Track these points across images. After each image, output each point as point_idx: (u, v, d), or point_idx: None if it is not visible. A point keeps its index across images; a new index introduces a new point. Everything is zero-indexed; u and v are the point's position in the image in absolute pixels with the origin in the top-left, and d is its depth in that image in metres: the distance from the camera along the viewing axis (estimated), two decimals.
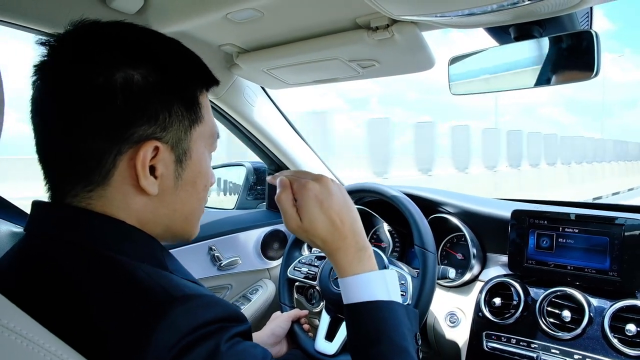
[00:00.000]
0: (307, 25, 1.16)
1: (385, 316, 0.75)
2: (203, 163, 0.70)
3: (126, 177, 0.62)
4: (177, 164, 0.66)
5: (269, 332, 1.21)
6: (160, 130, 0.63)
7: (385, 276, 0.80)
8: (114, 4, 1.05)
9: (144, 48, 0.64)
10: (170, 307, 0.54)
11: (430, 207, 1.49)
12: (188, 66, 0.69)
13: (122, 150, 0.61)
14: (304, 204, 0.78)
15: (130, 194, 0.63)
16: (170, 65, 0.65)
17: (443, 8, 0.87)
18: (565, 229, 1.22)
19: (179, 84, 0.66)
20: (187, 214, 0.70)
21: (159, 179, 0.64)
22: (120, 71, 0.60)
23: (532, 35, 0.98)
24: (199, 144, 0.69)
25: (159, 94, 0.63)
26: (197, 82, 0.69)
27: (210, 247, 1.59)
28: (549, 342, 1.13)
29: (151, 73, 0.62)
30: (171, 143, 0.65)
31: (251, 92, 1.59)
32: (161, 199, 0.66)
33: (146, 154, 0.61)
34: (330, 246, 0.79)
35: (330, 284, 1.26)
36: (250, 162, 2.05)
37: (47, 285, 0.58)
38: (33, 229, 0.65)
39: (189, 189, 0.69)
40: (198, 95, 0.68)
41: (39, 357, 0.48)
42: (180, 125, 0.65)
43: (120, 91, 0.60)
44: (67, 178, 0.63)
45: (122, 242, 0.62)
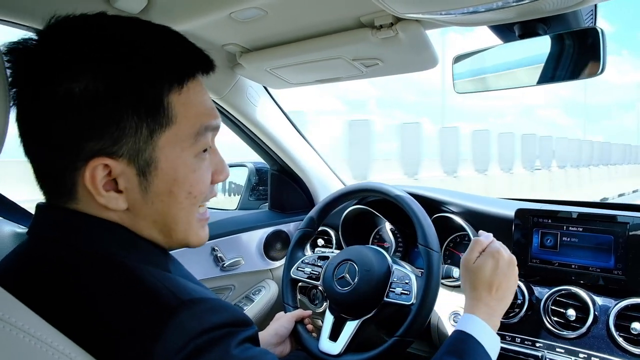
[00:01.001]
0: (311, 24, 1.16)
1: (478, 353, 0.91)
2: (180, 169, 0.63)
3: (89, 193, 0.60)
4: (140, 177, 0.61)
5: (273, 332, 1.21)
6: (111, 144, 0.58)
7: (494, 341, 0.95)
8: (118, 4, 1.05)
9: (92, 52, 0.58)
10: (178, 310, 0.54)
11: (434, 206, 1.49)
12: (148, 64, 0.60)
13: (76, 166, 0.59)
14: (485, 255, 1.03)
15: (101, 209, 0.61)
16: (120, 69, 0.58)
17: (448, 6, 0.87)
18: (570, 227, 1.21)
19: (130, 90, 0.59)
20: (171, 224, 0.65)
21: (124, 193, 0.61)
22: (62, 84, 0.56)
23: (536, 33, 0.98)
24: (170, 149, 0.62)
25: (104, 106, 0.57)
26: (164, 81, 0.61)
27: (213, 248, 1.59)
28: (554, 341, 1.13)
29: (94, 83, 0.57)
30: (127, 156, 0.59)
31: (254, 92, 1.59)
32: (135, 212, 0.63)
33: (94, 172, 0.58)
34: (474, 293, 1.01)
35: (334, 284, 1.25)
36: (253, 163, 2.05)
37: (51, 286, 0.57)
38: (37, 231, 0.64)
39: (165, 199, 0.63)
40: (165, 96, 0.61)
41: (48, 356, 0.48)
42: (137, 135, 0.59)
43: (61, 106, 0.57)
44: (44, 189, 0.63)
45: (126, 246, 0.62)
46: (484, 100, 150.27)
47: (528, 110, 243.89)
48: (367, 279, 1.20)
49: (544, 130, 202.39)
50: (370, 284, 1.19)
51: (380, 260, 1.24)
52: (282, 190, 1.88)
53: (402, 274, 1.20)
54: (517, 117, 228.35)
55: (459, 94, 1.16)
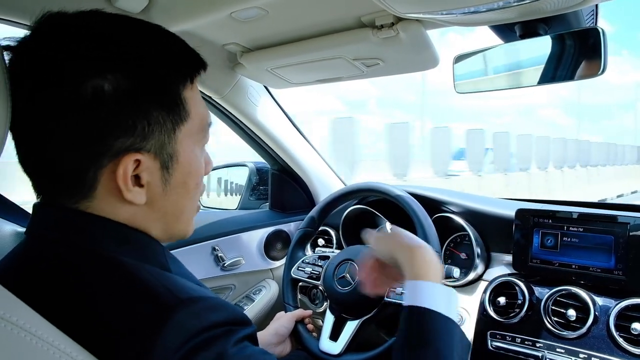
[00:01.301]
0: (312, 23, 1.16)
1: (441, 328, 0.78)
2: (193, 162, 0.67)
3: (110, 189, 0.60)
4: (163, 170, 0.63)
5: (273, 331, 1.21)
6: (141, 140, 0.59)
7: (451, 295, 0.83)
8: (118, 3, 1.05)
9: (114, 49, 0.58)
10: (176, 309, 0.54)
11: (434, 206, 1.49)
12: (166, 61, 0.62)
13: (102, 164, 0.58)
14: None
15: (117, 204, 0.61)
16: (145, 65, 0.59)
17: (449, 5, 0.87)
18: (570, 227, 1.21)
19: (156, 85, 0.60)
20: (179, 215, 0.68)
21: (145, 187, 0.62)
22: (89, 81, 0.55)
23: (537, 33, 0.98)
24: (186, 143, 0.65)
25: (134, 102, 0.58)
26: (179, 77, 0.63)
27: (214, 248, 1.59)
28: (554, 341, 1.13)
29: (123, 79, 0.57)
30: (154, 151, 0.61)
31: (255, 91, 1.59)
32: (150, 205, 0.64)
33: (126, 168, 0.58)
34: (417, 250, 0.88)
35: (334, 284, 1.25)
36: (253, 162, 2.05)
37: (51, 286, 0.57)
38: (35, 231, 0.64)
39: (180, 190, 0.66)
40: (181, 92, 0.63)
41: (50, 355, 0.48)
42: (162, 131, 0.61)
43: (91, 104, 0.55)
44: (51, 191, 0.62)
45: (124, 244, 0.61)
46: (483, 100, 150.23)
47: (527, 110, 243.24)
48: None
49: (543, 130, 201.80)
50: None
51: None
52: (282, 190, 1.88)
53: None
54: (516, 117, 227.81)
55: (459, 94, 1.16)
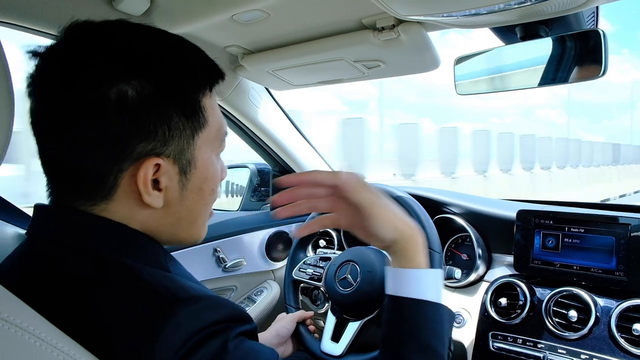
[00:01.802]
0: (313, 26, 1.16)
1: (429, 318, 0.74)
2: (210, 168, 0.68)
3: (129, 192, 0.61)
4: (181, 175, 0.64)
5: (274, 332, 1.21)
6: (161, 145, 0.61)
7: (438, 277, 0.78)
8: (120, 6, 1.05)
9: (139, 56, 0.60)
10: (176, 308, 0.54)
11: (435, 207, 1.49)
12: (188, 69, 0.64)
13: (123, 168, 0.59)
14: (363, 198, 0.75)
15: (134, 207, 0.62)
16: (167, 72, 0.61)
17: (450, 8, 0.87)
18: (571, 228, 1.21)
19: (177, 92, 0.62)
20: (193, 220, 0.69)
21: (163, 191, 0.63)
22: (113, 86, 0.57)
23: (538, 34, 0.98)
24: (204, 149, 0.66)
25: (157, 107, 0.59)
26: (199, 85, 0.65)
27: (215, 249, 1.59)
28: (556, 342, 1.13)
29: (146, 85, 0.58)
30: (173, 156, 0.62)
31: (256, 93, 1.60)
32: (166, 209, 0.65)
33: (147, 171, 0.60)
34: (405, 234, 0.78)
35: (336, 285, 1.25)
36: (254, 164, 2.05)
37: (52, 288, 0.58)
38: (36, 232, 0.64)
39: (195, 196, 0.67)
40: (200, 99, 0.65)
41: (52, 357, 0.48)
42: (182, 136, 0.63)
43: (115, 108, 0.57)
44: (69, 193, 0.62)
45: (125, 247, 0.62)
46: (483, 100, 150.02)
47: (528, 111, 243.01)
48: (369, 279, 1.20)
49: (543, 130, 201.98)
50: (372, 285, 1.20)
51: (382, 261, 1.24)
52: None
53: None
54: (517, 118, 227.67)
55: (460, 95, 1.17)
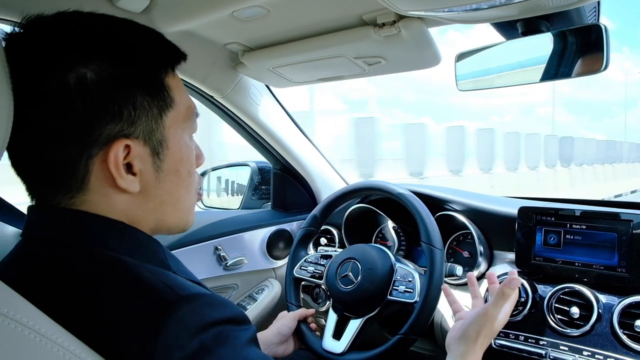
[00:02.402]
0: (313, 22, 1.16)
1: None
2: (183, 149, 0.68)
3: (103, 179, 0.60)
4: (154, 157, 0.64)
5: (275, 331, 1.21)
6: (128, 126, 0.60)
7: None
8: (120, 3, 1.05)
9: (93, 40, 0.59)
10: (177, 305, 0.55)
11: (437, 204, 1.49)
12: (147, 50, 0.64)
13: (92, 154, 0.59)
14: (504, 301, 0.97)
15: (112, 195, 0.61)
16: (124, 53, 0.61)
17: (450, 3, 0.87)
18: (573, 225, 1.21)
19: (138, 72, 0.61)
20: (175, 203, 0.68)
21: (138, 175, 0.62)
22: (72, 71, 0.56)
23: (539, 30, 0.98)
24: (174, 129, 0.66)
25: (118, 87, 0.59)
26: (161, 65, 0.65)
27: (216, 247, 1.59)
28: (558, 339, 1.13)
29: (105, 67, 0.58)
30: (143, 136, 0.62)
31: (256, 91, 1.59)
32: (145, 194, 0.64)
33: (117, 154, 0.59)
34: (474, 341, 0.94)
35: (337, 283, 1.25)
36: (255, 162, 2.05)
37: (52, 287, 0.57)
38: (32, 232, 0.64)
39: (173, 178, 0.66)
40: (164, 79, 0.65)
41: (54, 353, 0.48)
42: (148, 116, 0.62)
43: (76, 93, 0.56)
44: (44, 187, 0.62)
45: (122, 242, 0.62)
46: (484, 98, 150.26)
47: (528, 109, 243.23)
48: (370, 277, 1.20)
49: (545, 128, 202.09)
50: (373, 283, 1.20)
51: (383, 258, 1.24)
52: (284, 189, 1.88)
53: (405, 272, 1.20)
54: (518, 116, 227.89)
55: (461, 91, 1.16)
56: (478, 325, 0.95)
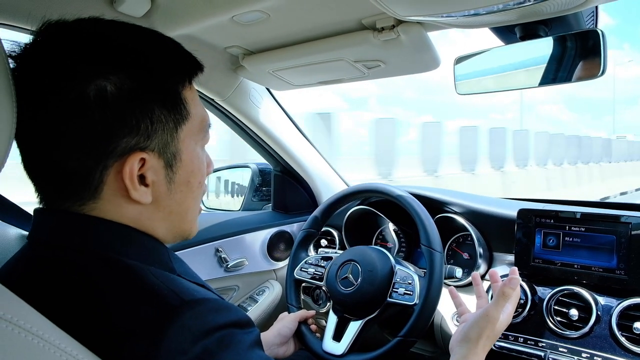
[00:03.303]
0: (313, 26, 1.17)
1: None
2: (195, 161, 0.68)
3: (116, 189, 0.61)
4: (167, 169, 0.64)
5: (276, 332, 1.21)
6: (145, 140, 0.60)
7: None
8: (121, 7, 1.05)
9: (116, 52, 0.60)
10: (181, 310, 0.55)
11: (436, 206, 1.49)
12: (166, 62, 0.64)
13: (107, 165, 0.59)
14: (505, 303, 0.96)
15: (123, 205, 0.62)
16: (145, 66, 0.61)
17: (449, 8, 0.87)
18: (572, 227, 1.22)
19: (157, 85, 0.62)
20: (184, 214, 0.69)
21: (150, 186, 0.62)
22: (92, 83, 0.57)
23: (537, 34, 0.98)
24: (188, 142, 0.67)
25: (137, 101, 0.59)
26: (178, 77, 0.65)
27: (217, 249, 1.59)
28: (557, 341, 1.13)
29: (125, 80, 0.58)
30: (158, 149, 0.62)
31: (257, 93, 1.60)
32: (156, 204, 0.64)
33: (132, 167, 0.59)
34: (476, 343, 0.93)
35: (337, 285, 1.26)
36: (256, 164, 2.05)
37: (56, 290, 0.58)
38: (36, 236, 0.64)
39: (183, 189, 0.67)
40: (181, 92, 0.65)
41: (56, 358, 0.48)
42: (165, 130, 0.62)
43: (95, 105, 0.56)
44: (56, 194, 0.62)
45: (128, 246, 0.62)
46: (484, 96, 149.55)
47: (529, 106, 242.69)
48: (370, 279, 1.21)
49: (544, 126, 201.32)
50: (373, 285, 1.20)
51: (383, 260, 1.24)
52: (285, 191, 1.88)
53: (405, 274, 1.21)
54: (518, 114, 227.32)
55: (460, 95, 1.17)
56: (479, 327, 0.94)
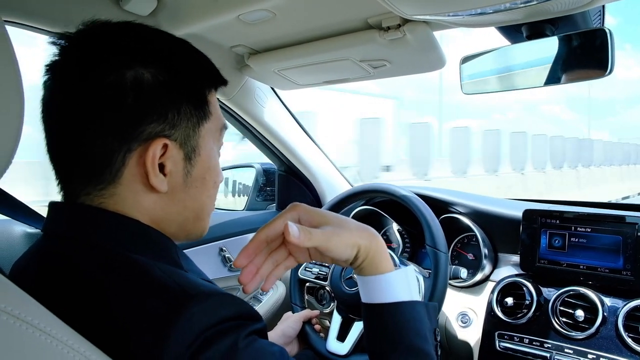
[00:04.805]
0: (319, 25, 1.17)
1: (407, 318, 0.72)
2: (212, 159, 0.71)
3: (136, 174, 0.63)
4: (186, 161, 0.66)
5: (280, 332, 1.21)
6: (169, 128, 0.64)
7: (407, 274, 0.76)
8: (128, 6, 1.06)
9: (155, 48, 0.65)
10: (188, 304, 0.55)
11: (441, 207, 1.49)
12: (197, 67, 0.70)
13: (131, 148, 0.62)
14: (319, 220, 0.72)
15: (140, 192, 0.64)
16: (180, 65, 0.66)
17: (455, 7, 0.87)
18: (578, 228, 1.21)
19: (188, 84, 0.67)
20: (198, 211, 0.71)
21: (168, 176, 0.65)
22: (131, 69, 0.61)
23: (544, 34, 0.98)
24: (207, 140, 0.70)
25: (169, 92, 0.64)
26: (206, 83, 0.70)
27: (221, 248, 1.60)
28: (563, 342, 1.13)
29: (161, 72, 0.63)
30: (180, 140, 0.65)
31: (262, 93, 1.60)
32: (171, 196, 0.66)
33: (155, 151, 0.62)
34: (362, 246, 0.73)
35: (341, 285, 1.26)
36: (260, 164, 2.06)
37: (66, 285, 0.58)
38: (50, 229, 0.66)
39: (199, 185, 0.69)
40: (207, 94, 0.70)
41: (63, 354, 0.48)
42: (188, 123, 0.66)
43: (131, 89, 0.61)
44: (78, 177, 0.64)
45: (137, 242, 0.63)
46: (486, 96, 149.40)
47: (531, 106, 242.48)
48: None
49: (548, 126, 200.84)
50: None
51: None
52: (289, 191, 1.88)
53: None
54: (521, 113, 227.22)
55: (466, 94, 1.17)
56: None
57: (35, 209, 1.05)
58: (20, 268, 0.66)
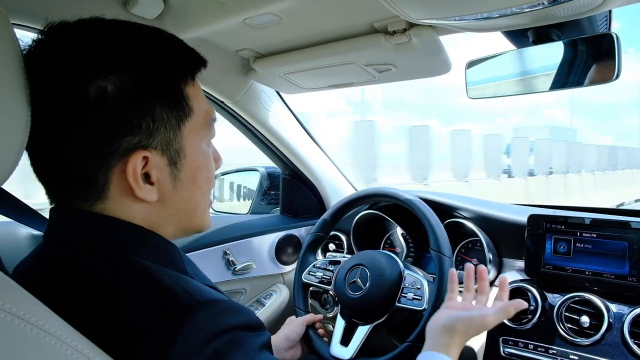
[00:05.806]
0: (324, 29, 1.17)
1: None
2: (200, 157, 0.68)
3: (122, 188, 0.61)
4: (171, 166, 0.64)
5: (283, 336, 1.21)
6: (147, 138, 0.60)
7: None
8: (134, 10, 1.06)
9: (113, 51, 0.59)
10: (194, 310, 0.55)
11: (445, 211, 1.49)
12: (167, 60, 0.64)
13: (111, 165, 0.59)
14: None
15: (130, 204, 0.62)
16: (145, 64, 0.61)
17: (461, 12, 0.87)
18: (583, 233, 1.20)
19: (157, 84, 0.61)
20: (192, 210, 0.70)
21: (155, 184, 0.63)
22: (93, 84, 0.56)
23: (550, 38, 0.98)
24: (192, 138, 0.66)
25: (138, 100, 0.59)
26: (180, 74, 0.65)
27: (225, 252, 1.59)
28: (568, 348, 1.12)
29: (125, 79, 0.58)
30: (161, 147, 0.62)
31: (267, 97, 1.60)
32: (163, 202, 0.65)
33: (135, 165, 0.60)
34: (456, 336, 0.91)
35: (345, 289, 1.25)
36: (264, 167, 2.06)
37: (70, 289, 0.58)
38: (52, 235, 0.65)
39: (190, 185, 0.67)
40: (183, 89, 0.65)
41: (67, 356, 0.48)
42: (167, 127, 0.62)
43: (96, 106, 0.57)
44: (65, 195, 0.63)
45: (142, 246, 0.63)
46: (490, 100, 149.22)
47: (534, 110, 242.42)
48: (378, 284, 1.20)
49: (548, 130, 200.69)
50: (381, 289, 1.19)
51: (391, 265, 1.24)
52: (293, 194, 1.88)
53: (413, 279, 1.20)
54: (523, 117, 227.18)
55: (472, 99, 1.16)
56: (469, 326, 0.92)
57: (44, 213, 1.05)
58: (21, 272, 0.65)
